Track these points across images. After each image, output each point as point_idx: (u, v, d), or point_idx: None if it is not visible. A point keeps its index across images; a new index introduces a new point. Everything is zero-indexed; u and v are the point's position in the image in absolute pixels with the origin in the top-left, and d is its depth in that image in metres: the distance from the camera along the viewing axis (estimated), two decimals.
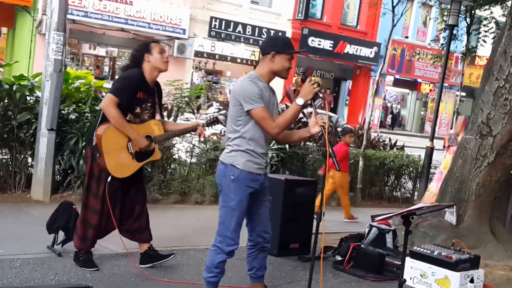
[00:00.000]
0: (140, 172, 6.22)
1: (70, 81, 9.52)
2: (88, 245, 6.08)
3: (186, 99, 10.74)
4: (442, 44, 15.89)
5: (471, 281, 6.71)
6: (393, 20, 12.48)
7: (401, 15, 12.67)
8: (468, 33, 14.70)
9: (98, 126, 5.84)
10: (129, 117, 5.86)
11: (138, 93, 5.87)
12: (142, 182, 6.38)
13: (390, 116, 40.77)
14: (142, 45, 6.10)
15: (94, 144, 5.85)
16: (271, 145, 10.33)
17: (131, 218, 6.22)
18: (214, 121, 6.33)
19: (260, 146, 5.11)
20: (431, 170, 12.96)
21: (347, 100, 37.25)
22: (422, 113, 42.62)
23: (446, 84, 34.48)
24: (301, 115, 10.45)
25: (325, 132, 4.97)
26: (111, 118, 5.75)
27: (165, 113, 10.36)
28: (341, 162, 9.40)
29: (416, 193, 13.29)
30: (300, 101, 4.99)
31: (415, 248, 7.06)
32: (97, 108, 8.46)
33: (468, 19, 14.54)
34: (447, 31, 13.50)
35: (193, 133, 6.49)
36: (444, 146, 12.35)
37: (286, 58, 5.10)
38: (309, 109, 10.26)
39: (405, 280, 5.38)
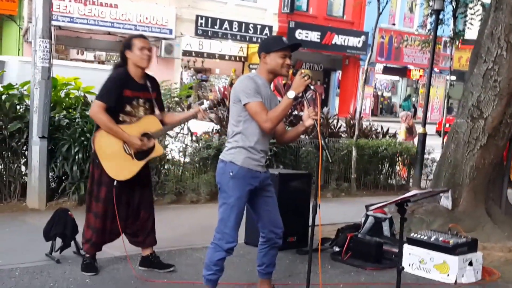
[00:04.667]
0: (147, 177, 6.24)
1: (58, 87, 9.50)
2: (94, 248, 6.10)
3: (176, 99, 10.73)
4: (429, 30, 15.88)
5: (470, 264, 6.76)
6: (378, 8, 12.45)
7: (386, 3, 12.62)
8: (455, 17, 14.72)
9: (95, 132, 5.90)
10: (122, 117, 5.83)
11: (124, 92, 5.83)
12: (149, 187, 6.34)
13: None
14: (125, 41, 6.06)
15: (93, 150, 5.95)
16: None
17: (136, 223, 6.19)
18: (217, 104, 6.08)
19: (259, 143, 5.14)
20: (425, 156, 12.97)
21: (337, 90, 37.27)
22: (413, 99, 42.64)
23: (436, 69, 34.68)
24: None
25: (317, 125, 4.98)
26: (101, 124, 5.79)
27: None
28: None
29: (411, 180, 13.28)
30: (291, 94, 5.00)
31: (412, 234, 7.12)
32: (87, 113, 8.43)
33: (453, 3, 14.54)
34: (434, 16, 13.50)
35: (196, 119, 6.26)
36: (436, 131, 12.48)
37: (278, 55, 5.13)
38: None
39: (403, 268, 5.39)
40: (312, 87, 5.00)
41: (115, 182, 5.86)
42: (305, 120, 5.14)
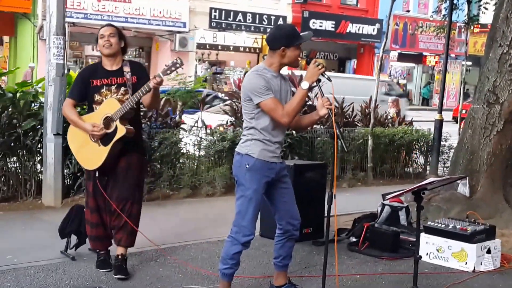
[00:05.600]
0: (129, 168, 5.86)
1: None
2: (98, 243, 6.06)
3: (191, 93, 10.72)
4: (444, 15, 15.75)
5: (488, 251, 6.68)
6: None
7: None
8: (469, 2, 14.57)
9: None
10: (95, 108, 5.82)
11: (91, 82, 5.82)
12: (131, 179, 5.89)
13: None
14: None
15: None
16: None
17: (109, 215, 5.97)
18: (172, 67, 5.64)
19: (274, 134, 5.11)
20: (442, 143, 12.87)
21: None
22: (429, 84, 42.37)
23: (451, 55, 34.38)
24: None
25: (332, 114, 4.93)
26: (67, 118, 6.04)
27: (169, 108, 10.36)
28: None
29: (428, 168, 13.18)
30: (305, 84, 4.95)
31: (429, 223, 7.06)
32: None
33: None
34: (448, 2, 13.37)
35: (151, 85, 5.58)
36: (453, 118, 12.38)
37: (296, 48, 5.07)
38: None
39: (420, 257, 5.34)
40: (326, 76, 4.94)
41: (96, 173, 5.82)
42: (319, 109, 5.08)
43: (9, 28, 24.70)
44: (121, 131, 5.66)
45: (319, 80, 4.96)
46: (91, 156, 5.80)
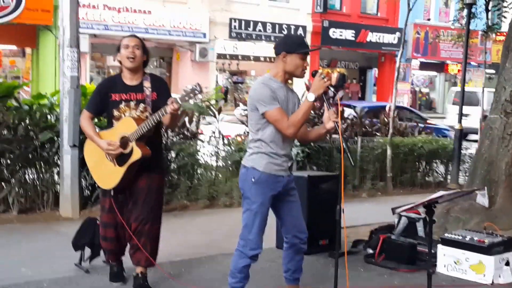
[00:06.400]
0: (147, 188, 5.64)
1: (88, 96, 9.52)
2: (113, 256, 5.95)
3: (207, 103, 10.71)
4: (461, 24, 15.69)
5: (507, 263, 6.59)
6: (408, 4, 12.34)
7: None
8: (487, 10, 14.47)
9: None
10: (114, 123, 5.59)
11: (111, 96, 5.58)
12: (149, 199, 5.66)
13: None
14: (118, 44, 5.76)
15: None
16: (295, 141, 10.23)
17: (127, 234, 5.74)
18: (191, 93, 5.29)
19: (281, 147, 5.05)
20: (462, 152, 12.76)
21: (374, 88, 36.98)
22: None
23: (474, 63, 34.16)
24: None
25: (339, 127, 4.89)
26: (84, 132, 5.76)
27: (186, 119, 10.34)
28: None
29: (449, 177, 13.07)
30: (311, 96, 4.90)
31: (446, 235, 6.97)
32: None
33: None
34: (466, 10, 13.29)
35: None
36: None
37: (299, 57, 5.02)
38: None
39: (433, 271, 5.27)
40: (332, 88, 4.90)
41: (112, 192, 5.62)
42: (326, 123, 5.01)
43: (31, 40, 24.81)
44: (137, 154, 5.43)
45: (325, 93, 4.91)
46: (106, 175, 5.60)
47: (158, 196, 5.81)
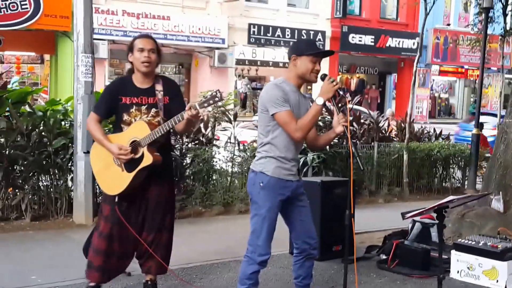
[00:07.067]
0: (159, 195, 5.48)
1: None
2: (96, 274, 5.49)
3: (222, 108, 10.71)
4: (479, 29, 15.64)
5: None
6: (425, 8, 12.31)
7: (433, 3, 12.44)
8: (505, 14, 14.40)
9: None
10: (123, 128, 5.36)
11: (121, 99, 5.34)
12: (161, 207, 5.52)
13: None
14: (129, 43, 5.52)
15: None
16: None
17: (133, 243, 5.54)
18: (210, 99, 5.08)
19: (290, 151, 5.01)
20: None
21: (394, 93, 36.82)
22: (471, 99, 41.81)
23: (494, 68, 33.90)
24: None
25: (348, 131, 4.87)
26: (91, 134, 5.53)
27: (201, 125, 10.35)
28: None
29: (466, 182, 12.99)
30: (320, 100, 4.87)
31: (459, 240, 6.92)
32: None
33: (503, 0, 14.23)
34: (483, 15, 13.24)
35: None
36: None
37: (309, 60, 4.97)
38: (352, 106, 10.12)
39: (444, 277, 5.22)
40: (341, 92, 4.89)
41: (116, 198, 5.34)
42: (335, 127, 5.00)
43: (50, 46, 24.97)
44: (148, 160, 5.21)
45: (334, 97, 4.90)
46: (113, 180, 5.36)
47: (170, 204, 5.68)
